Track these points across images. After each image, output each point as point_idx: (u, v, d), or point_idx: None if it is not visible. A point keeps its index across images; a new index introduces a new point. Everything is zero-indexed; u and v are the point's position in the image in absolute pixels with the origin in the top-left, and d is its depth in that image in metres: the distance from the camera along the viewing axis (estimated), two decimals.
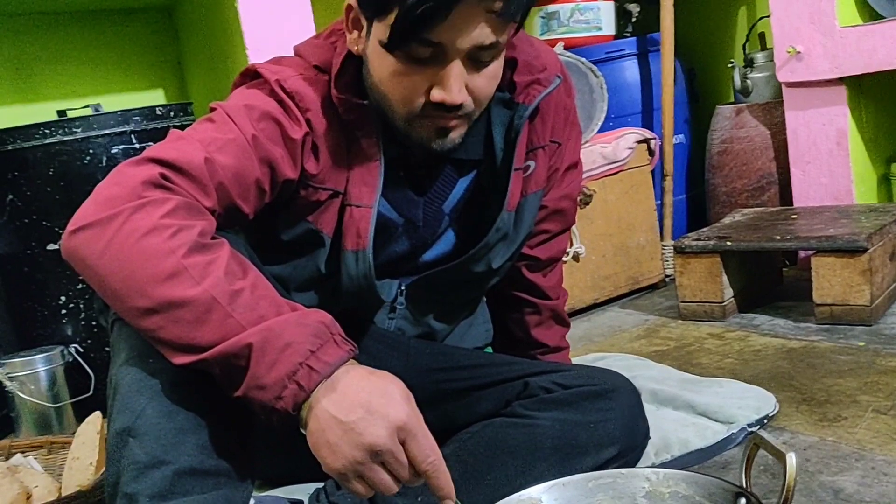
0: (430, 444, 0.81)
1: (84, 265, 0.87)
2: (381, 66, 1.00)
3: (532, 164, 1.19)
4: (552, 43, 2.45)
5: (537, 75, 1.13)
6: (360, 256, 1.08)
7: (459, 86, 0.97)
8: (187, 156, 0.92)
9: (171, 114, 1.89)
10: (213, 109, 1.03)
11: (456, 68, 0.96)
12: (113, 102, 2.22)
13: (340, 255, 1.10)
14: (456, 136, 1.03)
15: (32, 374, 1.78)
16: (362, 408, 0.79)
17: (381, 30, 0.97)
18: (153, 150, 0.94)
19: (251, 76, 1.08)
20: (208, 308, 0.81)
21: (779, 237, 1.90)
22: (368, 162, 1.07)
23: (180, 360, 0.83)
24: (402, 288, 1.19)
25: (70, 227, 0.89)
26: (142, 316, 0.83)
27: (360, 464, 0.78)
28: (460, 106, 0.99)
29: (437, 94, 0.97)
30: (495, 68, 1.02)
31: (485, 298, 1.40)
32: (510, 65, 1.13)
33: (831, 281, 1.82)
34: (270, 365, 0.79)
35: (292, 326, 0.81)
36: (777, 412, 1.40)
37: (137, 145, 1.83)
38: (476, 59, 0.97)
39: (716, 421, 1.34)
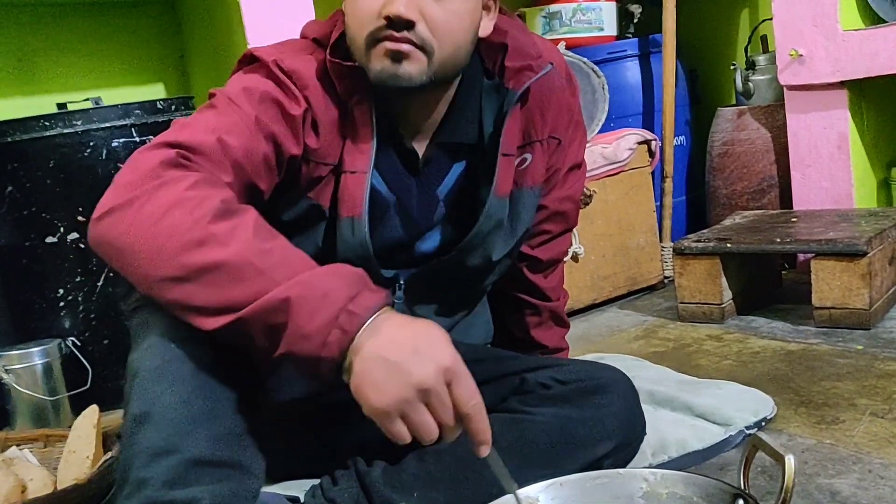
0: (473, 387, 0.82)
1: (111, 248, 0.88)
2: (349, 3, 1.05)
3: (528, 156, 1.19)
4: (554, 43, 2.45)
5: (529, 62, 1.14)
6: (355, 223, 1.09)
7: (407, 1, 0.99)
8: (199, 137, 0.94)
9: (173, 108, 1.89)
10: (212, 96, 1.05)
11: None
12: (114, 96, 2.21)
13: (336, 226, 1.10)
14: (412, 69, 1.02)
15: (29, 366, 1.78)
16: (409, 348, 0.79)
17: None
18: (164, 135, 0.95)
19: (248, 60, 1.10)
20: (241, 268, 0.82)
21: (778, 240, 1.90)
22: (362, 129, 1.08)
23: (215, 322, 0.82)
24: (401, 282, 1.19)
25: (94, 216, 0.89)
26: (173, 286, 0.83)
27: (406, 402, 0.78)
28: (411, 25, 1.00)
29: (384, 9, 1.00)
30: (460, 7, 1.03)
31: (486, 299, 1.39)
32: (501, 50, 1.14)
33: (830, 284, 1.82)
34: (311, 314, 0.79)
35: (327, 277, 0.82)
36: (775, 414, 1.40)
37: (138, 139, 1.82)
38: None
39: (714, 423, 1.34)
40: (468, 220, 1.17)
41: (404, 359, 0.79)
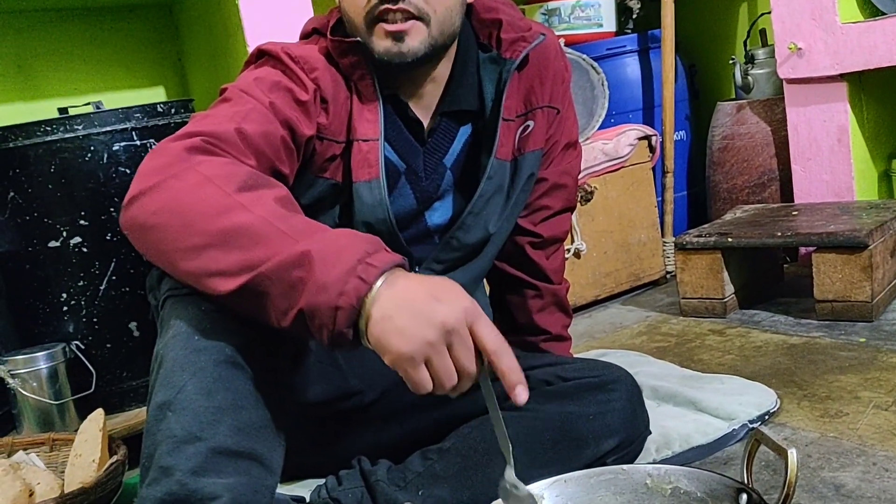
0: (495, 329, 0.82)
1: (142, 229, 0.90)
2: None
3: (531, 123, 1.23)
4: None
5: (522, 33, 1.19)
6: (373, 185, 1.12)
7: None
8: (220, 127, 0.97)
9: (173, 111, 1.89)
10: (223, 91, 1.08)
11: None
12: (114, 100, 2.21)
13: (353, 193, 1.12)
14: (415, 42, 1.07)
15: (34, 371, 1.78)
16: (429, 294, 0.80)
17: None
18: (186, 128, 0.98)
19: (256, 57, 1.14)
20: (263, 230, 0.84)
21: (780, 234, 1.90)
22: (368, 101, 1.12)
23: (234, 282, 0.83)
24: (416, 270, 1.21)
25: (124, 203, 0.92)
26: (197, 254, 0.85)
27: (430, 344, 0.78)
28: None
29: None
30: None
31: (485, 285, 1.41)
32: (495, 25, 1.20)
33: (832, 277, 1.82)
34: (331, 265, 0.80)
35: (346, 235, 0.84)
36: (778, 408, 1.40)
37: (139, 142, 1.83)
38: None
39: (717, 417, 1.34)
40: (474, 189, 1.21)
41: (427, 302, 0.79)
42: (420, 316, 0.78)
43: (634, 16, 2.73)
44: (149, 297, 1.07)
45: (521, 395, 0.82)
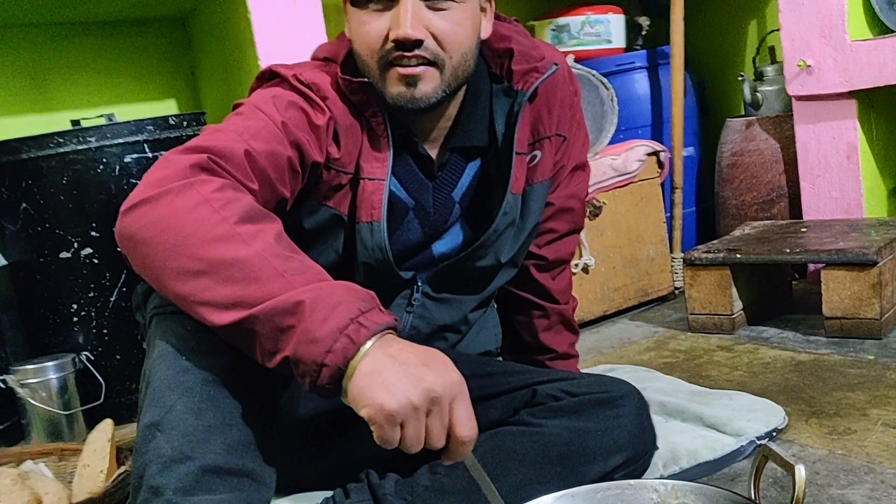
0: (472, 413, 0.81)
1: (133, 240, 0.89)
2: (354, 27, 1.09)
3: (538, 153, 1.23)
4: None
5: (535, 64, 1.18)
6: (374, 227, 1.12)
7: (412, 21, 1.02)
8: (229, 146, 0.96)
9: (184, 123, 1.91)
10: (237, 106, 1.08)
11: (406, 3, 1.02)
12: (127, 112, 2.23)
13: (355, 231, 1.12)
14: (428, 88, 1.07)
15: (44, 381, 1.79)
16: (421, 360, 0.80)
17: None
18: (195, 141, 0.98)
19: (268, 77, 1.13)
20: (260, 267, 0.83)
21: (788, 250, 1.90)
22: (378, 139, 1.12)
23: (225, 317, 0.83)
24: (419, 284, 1.21)
25: (122, 209, 0.91)
26: (188, 278, 0.84)
27: (413, 407, 0.77)
28: (419, 44, 1.03)
29: (392, 33, 1.03)
30: (460, 16, 1.07)
31: (494, 304, 1.41)
32: (507, 55, 1.18)
33: (841, 294, 1.82)
34: (322, 320, 0.80)
35: (341, 290, 0.83)
36: (786, 425, 1.40)
37: (150, 154, 1.84)
38: None
39: (725, 433, 1.34)
40: (482, 220, 1.21)
41: (418, 367, 0.79)
42: (410, 377, 0.78)
43: (644, 32, 2.74)
44: (136, 316, 1.07)
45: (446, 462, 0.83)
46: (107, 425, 1.42)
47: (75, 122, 1.92)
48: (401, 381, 0.77)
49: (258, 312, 0.81)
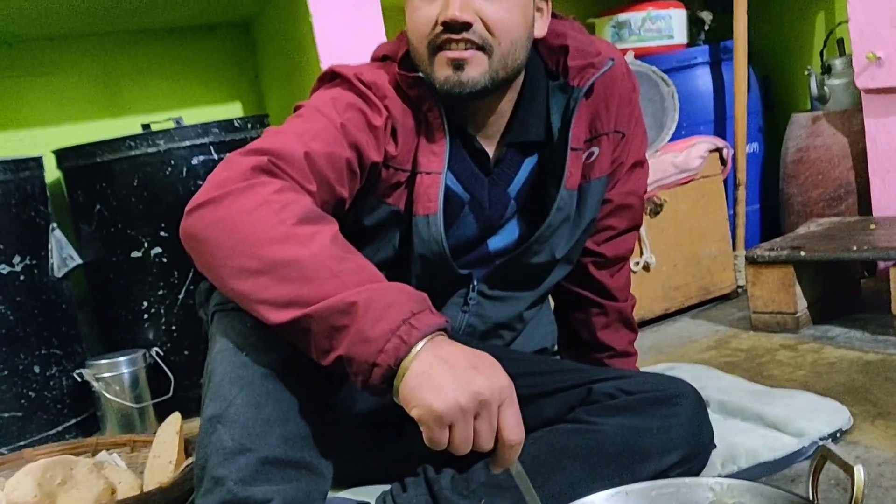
0: (520, 418, 0.82)
1: (196, 240, 0.93)
2: (408, 15, 1.11)
3: (596, 150, 1.23)
4: (623, 52, 2.44)
5: (591, 59, 1.18)
6: (430, 220, 1.13)
7: (461, 4, 1.04)
8: (289, 148, 0.99)
9: (249, 126, 1.96)
10: (298, 108, 1.11)
11: None
12: (194, 115, 2.30)
13: (412, 224, 1.14)
14: (475, 73, 1.08)
15: (117, 375, 1.86)
16: (470, 363, 0.81)
17: None
18: (257, 142, 1.01)
19: (329, 78, 1.16)
20: (315, 268, 0.85)
21: (855, 248, 1.85)
22: (434, 133, 1.14)
23: (281, 316, 0.86)
24: (475, 282, 1.22)
25: (186, 209, 0.95)
26: (247, 277, 0.88)
27: (462, 409, 0.78)
28: (468, 27, 1.05)
29: (441, 15, 1.05)
30: (511, 4, 1.08)
31: (550, 300, 1.41)
32: (562, 51, 1.19)
33: None
34: (375, 320, 0.82)
35: (394, 291, 0.85)
36: (851, 426, 1.37)
37: (216, 156, 1.90)
38: None
39: (786, 433, 1.32)
40: (537, 216, 1.22)
41: (467, 370, 0.80)
42: (459, 379, 0.79)
43: (706, 27, 2.70)
44: (199, 313, 1.11)
45: (497, 470, 0.85)
46: (175, 418, 1.47)
47: (146, 126, 1.98)
48: (450, 383, 0.79)
49: (313, 312, 0.84)
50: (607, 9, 2.71)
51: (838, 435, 1.33)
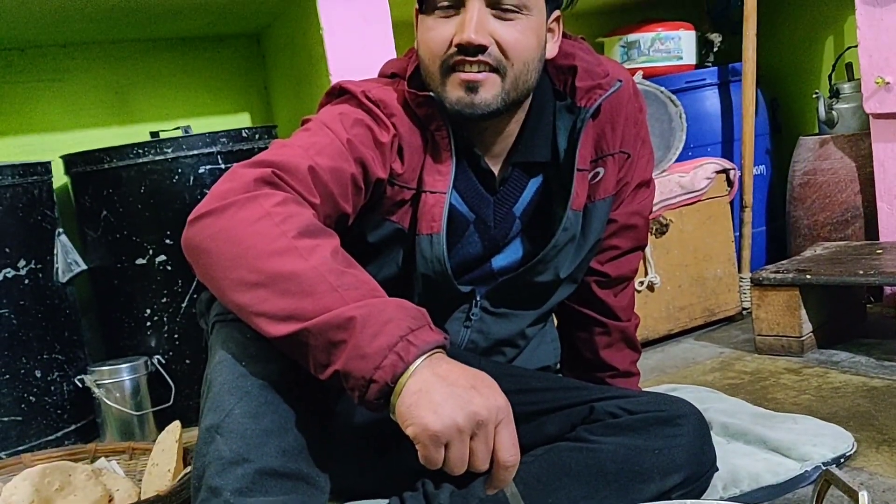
0: (516, 439, 0.82)
1: (197, 250, 0.93)
2: (420, 34, 1.11)
3: (601, 170, 1.22)
4: (631, 72, 2.45)
5: (599, 80, 1.18)
6: (433, 240, 1.13)
7: (477, 26, 1.04)
8: (294, 160, 0.99)
9: (257, 136, 1.96)
10: (305, 121, 1.11)
11: (473, 9, 1.04)
12: (202, 124, 2.30)
13: (415, 243, 1.14)
14: (488, 95, 1.08)
15: (118, 382, 1.86)
16: (469, 383, 0.80)
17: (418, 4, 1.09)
18: (262, 155, 1.01)
19: (337, 93, 1.16)
20: (315, 282, 0.85)
21: (862, 272, 1.85)
22: (441, 152, 1.13)
23: (280, 329, 0.85)
24: (478, 298, 1.22)
25: (189, 219, 0.95)
26: (247, 289, 0.87)
27: (458, 429, 0.78)
28: (483, 50, 1.05)
29: (456, 37, 1.05)
30: (525, 27, 1.08)
31: (553, 318, 1.41)
32: (571, 72, 1.19)
33: None
34: (373, 336, 0.81)
35: (393, 307, 0.85)
36: (855, 452, 1.36)
37: (223, 166, 1.90)
38: (496, 5, 1.05)
39: (789, 457, 1.31)
40: (542, 235, 1.21)
41: (466, 389, 0.80)
42: (457, 398, 0.78)
43: (715, 49, 2.71)
44: (200, 323, 1.11)
45: (491, 492, 0.84)
46: (175, 426, 1.47)
47: (154, 134, 1.99)
48: (448, 402, 0.78)
49: (311, 326, 0.83)
50: (617, 28, 2.72)
51: (842, 461, 1.32)
